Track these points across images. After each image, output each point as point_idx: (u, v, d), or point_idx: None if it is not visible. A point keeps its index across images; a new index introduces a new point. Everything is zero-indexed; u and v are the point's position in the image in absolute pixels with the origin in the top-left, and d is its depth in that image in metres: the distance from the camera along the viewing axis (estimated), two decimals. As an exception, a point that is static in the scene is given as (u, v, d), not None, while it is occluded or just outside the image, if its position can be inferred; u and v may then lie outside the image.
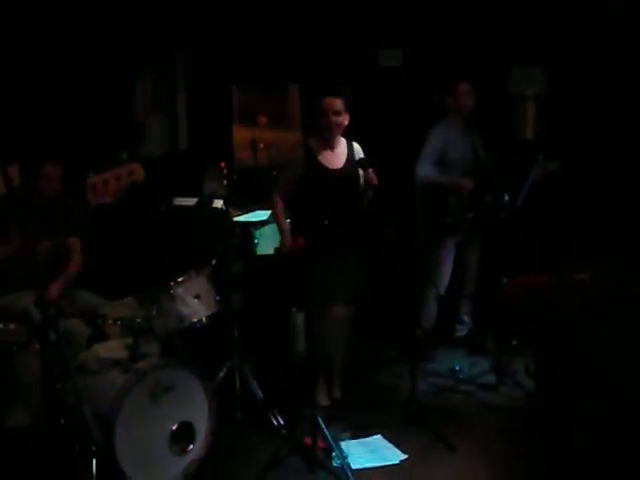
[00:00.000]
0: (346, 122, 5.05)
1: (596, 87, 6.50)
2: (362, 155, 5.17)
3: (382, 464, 4.54)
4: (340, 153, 5.18)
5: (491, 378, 5.69)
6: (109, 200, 3.13)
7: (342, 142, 5.18)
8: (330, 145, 5.12)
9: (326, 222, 4.97)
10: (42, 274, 3.88)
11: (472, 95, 6.05)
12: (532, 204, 5.65)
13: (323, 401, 5.17)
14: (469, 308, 6.44)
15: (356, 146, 5.23)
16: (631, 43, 6.31)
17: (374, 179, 4.80)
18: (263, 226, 6.00)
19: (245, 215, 6.09)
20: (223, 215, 5.34)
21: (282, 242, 5.10)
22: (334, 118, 5.00)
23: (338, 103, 5.00)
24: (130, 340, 4.36)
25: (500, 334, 5.81)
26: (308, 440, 4.51)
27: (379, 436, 4.86)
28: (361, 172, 4.94)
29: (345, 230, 5.08)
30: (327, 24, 7.40)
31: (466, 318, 6.45)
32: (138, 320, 4.39)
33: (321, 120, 5.05)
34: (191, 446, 4.26)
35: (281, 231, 5.11)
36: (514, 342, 5.91)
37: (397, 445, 4.74)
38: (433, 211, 6.01)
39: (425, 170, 5.94)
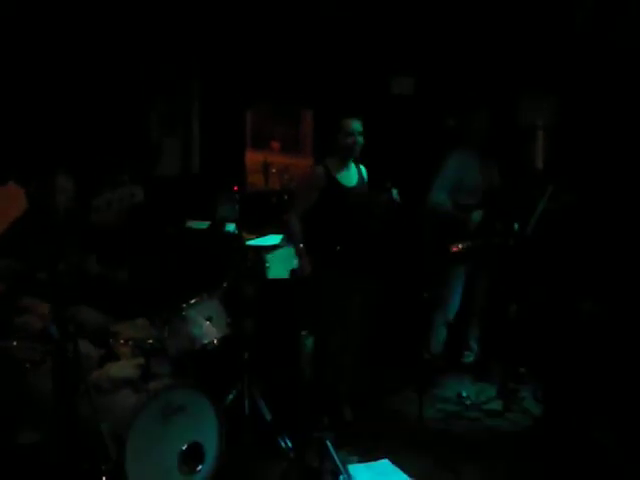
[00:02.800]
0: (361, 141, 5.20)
1: (606, 117, 6.54)
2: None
3: (389, 488, 4.56)
4: (353, 172, 5.29)
5: (498, 404, 5.71)
6: (112, 220, 3.18)
7: (352, 164, 5.32)
8: (346, 165, 5.24)
9: (338, 248, 5.03)
10: (60, 291, 3.93)
11: (487, 122, 6.12)
12: (542, 233, 5.69)
13: (348, 416, 5.26)
14: (477, 334, 6.47)
15: (362, 167, 5.35)
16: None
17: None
18: (275, 250, 6.05)
19: (257, 239, 6.14)
20: (235, 238, 5.38)
21: (301, 265, 5.15)
22: (358, 138, 5.13)
23: (359, 124, 5.14)
24: (142, 360, 4.39)
25: (507, 361, 5.84)
26: (316, 463, 4.54)
27: (386, 460, 4.87)
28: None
29: (361, 252, 5.16)
30: (340, 51, 7.47)
31: (474, 344, 6.48)
32: (150, 340, 4.44)
33: (344, 140, 5.18)
34: (200, 467, 4.29)
35: (299, 253, 5.17)
36: (521, 369, 5.93)
37: (403, 470, 4.74)
38: (442, 238, 6.05)
39: (439, 197, 5.99)
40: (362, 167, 5.41)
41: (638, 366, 3.74)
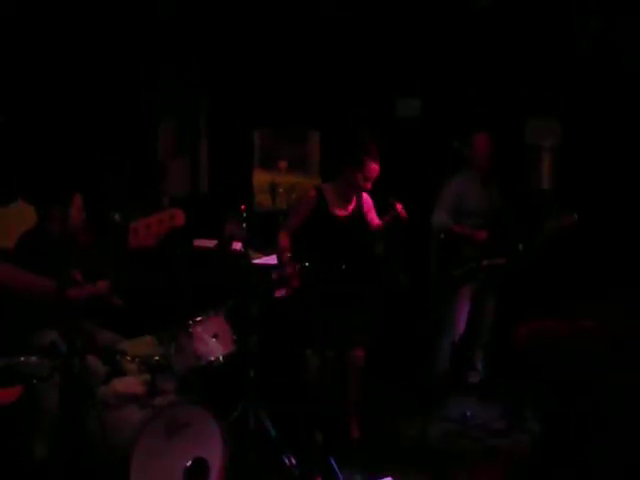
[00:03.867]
0: None
1: (611, 138, 6.58)
2: (368, 202, 5.36)
3: (391, 506, 4.58)
4: (351, 201, 5.33)
5: (502, 424, 5.73)
6: (150, 243, 3.21)
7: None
8: (345, 196, 5.27)
9: (343, 267, 5.08)
10: (70, 307, 3.97)
11: (488, 145, 6.15)
12: (545, 252, 5.72)
13: (355, 433, 5.35)
14: (483, 356, 6.48)
15: (364, 195, 5.39)
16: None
17: (403, 212, 4.97)
18: (281, 269, 6.08)
19: (263, 257, 6.18)
20: (242, 257, 5.42)
21: (285, 281, 5.19)
22: (368, 183, 5.16)
23: (377, 170, 5.21)
24: (148, 377, 4.42)
25: (512, 381, 5.86)
26: (319, 480, 4.56)
27: (390, 479, 4.89)
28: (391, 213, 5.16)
29: (356, 275, 5.18)
30: (347, 73, 7.53)
31: (479, 366, 6.49)
32: (156, 357, 4.47)
33: (361, 182, 5.22)
34: (204, 483, 4.31)
35: (284, 269, 5.21)
36: (527, 389, 5.94)
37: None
38: (448, 259, 6.07)
39: (440, 218, 6.02)
40: (362, 195, 5.46)
41: (633, 382, 3.77)
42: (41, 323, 4.42)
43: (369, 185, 5.25)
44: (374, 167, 5.18)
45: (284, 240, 5.29)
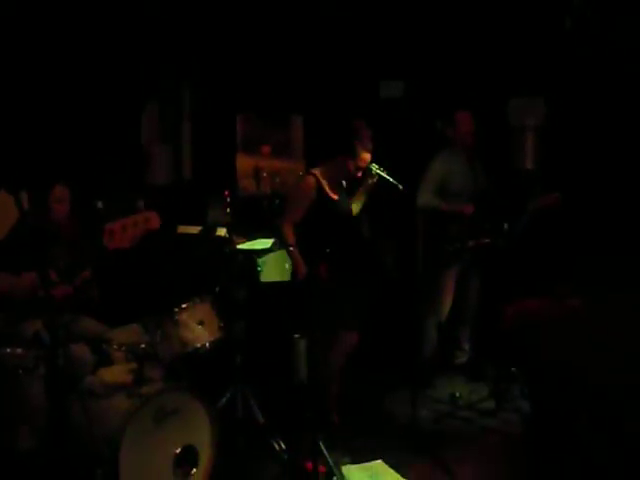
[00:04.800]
0: None
1: (595, 118, 6.58)
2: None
3: (382, 489, 4.59)
4: (341, 187, 5.35)
5: (491, 404, 5.75)
6: (126, 245, 3.20)
7: None
8: (336, 181, 5.27)
9: (328, 251, 5.05)
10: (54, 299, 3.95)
11: (470, 123, 6.14)
12: (530, 231, 5.73)
13: (333, 418, 5.30)
14: (469, 335, 6.49)
15: None
16: (631, 73, 6.40)
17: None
18: (266, 254, 6.07)
19: (248, 243, 6.16)
20: (226, 243, 5.40)
21: (297, 269, 5.17)
22: (358, 173, 5.15)
23: (368, 159, 5.20)
24: (134, 365, 4.41)
25: (499, 361, 5.87)
26: (309, 465, 4.55)
27: (380, 461, 4.89)
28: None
29: (349, 257, 5.18)
30: (330, 56, 7.50)
31: (466, 345, 6.50)
32: (143, 345, 4.44)
33: (352, 170, 5.21)
34: (194, 470, 4.29)
35: (296, 259, 5.19)
36: (513, 369, 5.96)
37: (397, 470, 4.78)
38: (434, 240, 6.07)
39: (425, 198, 6.01)
40: None
41: (623, 361, 3.77)
42: (25, 314, 4.41)
43: (360, 174, 5.23)
44: (366, 158, 5.17)
45: (290, 234, 5.21)
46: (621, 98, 6.42)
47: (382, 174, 5.23)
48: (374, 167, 5.24)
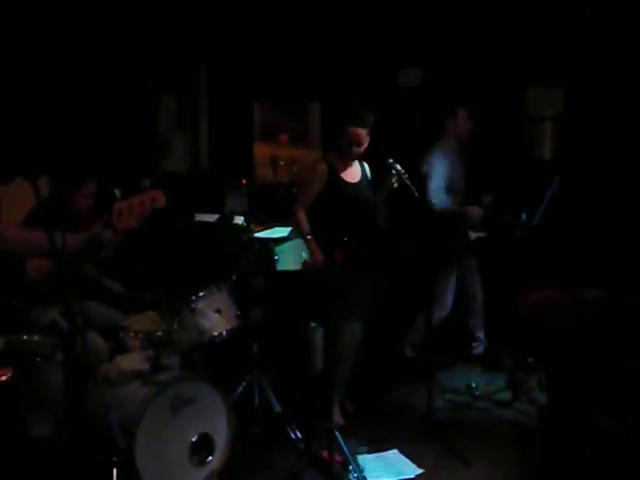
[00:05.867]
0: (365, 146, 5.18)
1: (613, 108, 6.54)
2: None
3: (398, 478, 4.58)
4: (356, 169, 5.34)
5: (507, 395, 5.72)
6: (133, 224, 3.21)
7: (356, 161, 5.34)
8: (348, 164, 5.25)
9: (346, 239, 5.05)
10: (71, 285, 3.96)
11: (470, 120, 6.13)
12: (547, 221, 5.70)
13: (338, 419, 5.21)
14: (480, 325, 6.47)
15: (366, 165, 5.38)
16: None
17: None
18: (283, 242, 6.07)
19: (265, 231, 6.15)
20: (244, 231, 5.40)
21: (311, 255, 5.17)
22: (357, 149, 5.14)
23: (363, 134, 5.15)
24: (151, 353, 4.42)
25: (516, 351, 5.85)
26: (325, 454, 4.55)
27: (395, 451, 4.89)
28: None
29: (365, 245, 5.17)
30: (348, 44, 7.48)
31: (479, 335, 6.48)
32: (159, 333, 4.45)
33: (346, 147, 5.18)
34: (210, 458, 4.30)
35: (309, 243, 5.19)
36: (530, 359, 5.94)
37: (413, 460, 4.77)
38: (448, 234, 6.06)
39: (441, 200, 6.00)
40: (365, 164, 5.44)
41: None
42: (42, 301, 4.42)
43: (359, 151, 5.20)
44: (357, 132, 5.14)
45: (302, 218, 5.23)
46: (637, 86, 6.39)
47: (402, 177, 5.19)
48: (394, 166, 5.20)
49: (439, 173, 6.03)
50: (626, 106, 6.44)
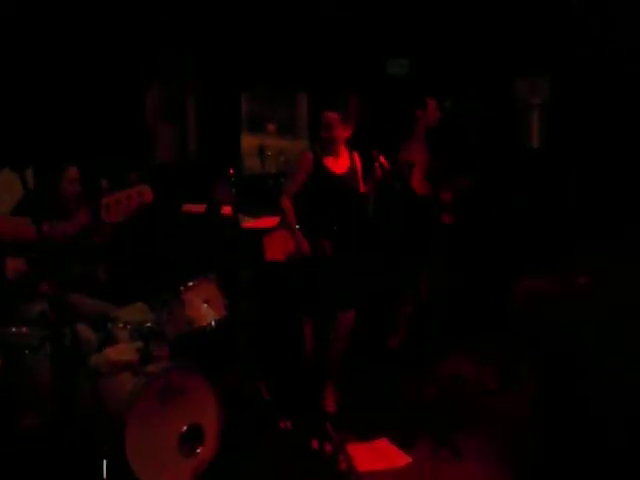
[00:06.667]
0: (345, 134, 5.16)
1: (600, 95, 6.56)
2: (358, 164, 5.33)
3: (388, 467, 4.59)
4: (343, 160, 5.31)
5: (497, 384, 5.73)
6: (121, 218, 3.20)
7: (344, 151, 5.31)
8: (333, 152, 5.23)
9: (335, 228, 5.05)
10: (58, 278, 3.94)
11: (439, 110, 6.18)
12: (536, 207, 5.72)
13: (330, 407, 5.21)
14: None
15: (356, 155, 5.35)
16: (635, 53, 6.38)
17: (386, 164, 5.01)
18: (271, 233, 6.06)
19: (253, 221, 6.14)
20: (232, 221, 5.38)
21: (298, 245, 5.17)
22: (327, 134, 5.13)
23: (334, 118, 5.11)
24: (140, 343, 4.41)
25: (507, 341, 5.86)
26: (315, 443, 4.56)
27: (385, 439, 4.91)
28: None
29: (352, 235, 5.17)
30: (336, 34, 7.47)
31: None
32: (148, 324, 4.45)
33: (319, 132, 5.17)
34: (200, 448, 4.31)
35: (295, 233, 5.18)
36: (521, 349, 5.95)
37: (403, 448, 4.79)
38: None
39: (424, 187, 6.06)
40: (354, 154, 5.42)
41: (633, 340, 3.77)
42: (30, 294, 4.40)
43: (330, 136, 5.18)
44: (327, 115, 5.14)
45: (288, 205, 5.23)
46: (626, 75, 6.40)
47: (383, 168, 5.19)
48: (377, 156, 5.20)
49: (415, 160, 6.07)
50: (614, 93, 6.46)
